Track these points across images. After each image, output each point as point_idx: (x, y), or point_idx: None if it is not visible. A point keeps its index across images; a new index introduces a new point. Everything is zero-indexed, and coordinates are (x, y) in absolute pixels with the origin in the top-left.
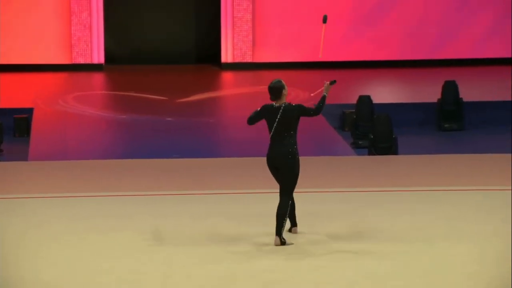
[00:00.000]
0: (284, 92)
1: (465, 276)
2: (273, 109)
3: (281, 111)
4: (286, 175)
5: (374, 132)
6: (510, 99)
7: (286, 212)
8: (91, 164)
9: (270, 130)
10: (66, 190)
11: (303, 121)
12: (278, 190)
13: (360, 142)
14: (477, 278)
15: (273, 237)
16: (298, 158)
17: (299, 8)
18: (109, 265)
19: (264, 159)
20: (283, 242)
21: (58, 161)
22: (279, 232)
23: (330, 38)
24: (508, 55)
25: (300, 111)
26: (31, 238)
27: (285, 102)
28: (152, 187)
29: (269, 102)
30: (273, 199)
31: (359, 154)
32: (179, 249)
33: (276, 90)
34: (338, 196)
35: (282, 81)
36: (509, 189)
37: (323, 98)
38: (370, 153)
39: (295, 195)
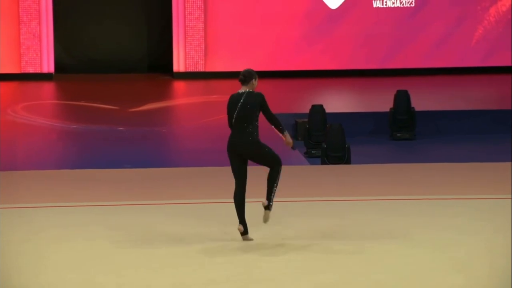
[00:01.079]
0: (254, 81)
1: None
2: (237, 96)
3: (244, 96)
4: (260, 156)
5: (327, 141)
6: (460, 109)
7: (278, 177)
8: (41, 175)
9: (231, 118)
10: (15, 201)
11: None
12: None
13: (313, 152)
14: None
15: (225, 244)
16: (260, 141)
17: (252, 17)
18: (58, 277)
19: (219, 168)
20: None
21: (7, 171)
22: (269, 197)
23: (283, 47)
24: (459, 65)
25: (262, 100)
26: None
27: (250, 90)
28: (104, 197)
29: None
30: (227, 209)
31: (312, 163)
32: (131, 259)
33: (247, 74)
34: (289, 205)
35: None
36: (462, 198)
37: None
38: (323, 162)
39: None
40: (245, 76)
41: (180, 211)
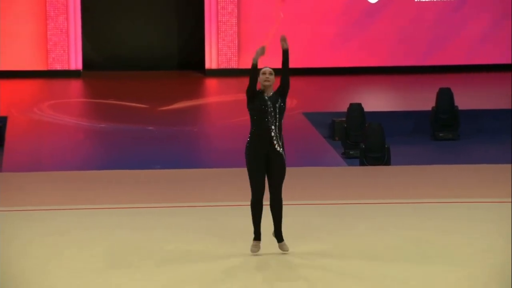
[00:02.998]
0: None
1: None
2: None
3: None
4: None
5: (365, 142)
6: (508, 107)
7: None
8: (67, 176)
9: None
10: (41, 203)
11: (292, 130)
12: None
13: (351, 152)
14: None
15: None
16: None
17: (287, 12)
18: (82, 281)
19: None
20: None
21: (33, 172)
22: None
23: (319, 43)
24: (506, 61)
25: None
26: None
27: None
28: (132, 199)
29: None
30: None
31: (350, 164)
32: (160, 264)
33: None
34: (327, 208)
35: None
36: (508, 201)
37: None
38: (362, 163)
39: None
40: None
41: (212, 213)
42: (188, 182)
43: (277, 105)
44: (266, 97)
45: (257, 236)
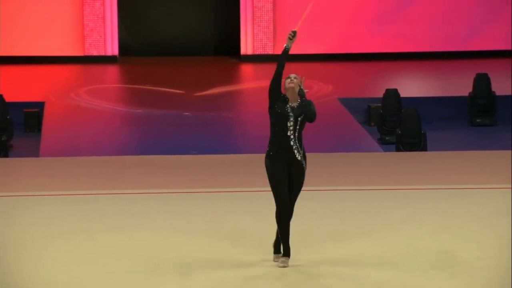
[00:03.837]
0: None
1: None
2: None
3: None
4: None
5: (401, 127)
6: None
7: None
8: (104, 161)
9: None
10: (78, 187)
11: (328, 116)
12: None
13: (387, 138)
14: None
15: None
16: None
17: None
18: (121, 267)
19: None
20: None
21: (70, 157)
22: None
23: (357, 29)
24: None
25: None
26: (37, 236)
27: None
28: (168, 184)
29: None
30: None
31: (386, 150)
32: (198, 249)
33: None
34: (363, 194)
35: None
36: None
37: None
38: (398, 149)
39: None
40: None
41: (248, 198)
42: (223, 168)
43: (299, 118)
44: (289, 107)
45: (286, 252)
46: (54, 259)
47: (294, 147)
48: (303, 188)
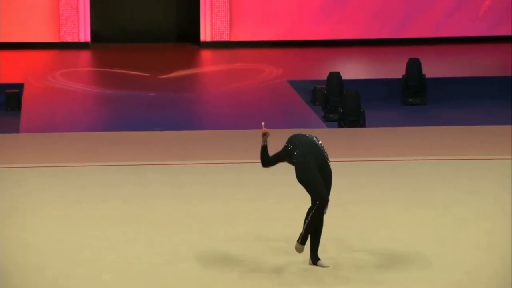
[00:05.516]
0: None
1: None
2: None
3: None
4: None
5: (343, 107)
6: (468, 75)
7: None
8: (78, 136)
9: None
10: (55, 160)
11: (278, 96)
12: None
13: (330, 116)
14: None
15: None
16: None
17: None
18: (97, 232)
19: (243, 131)
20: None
21: (48, 133)
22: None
23: (304, 18)
24: (467, 34)
25: None
26: (20, 205)
27: None
28: (136, 157)
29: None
30: (247, 170)
31: (329, 127)
32: (163, 214)
33: None
34: None
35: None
36: (472, 158)
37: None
38: (340, 126)
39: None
40: None
41: (206, 170)
42: (185, 143)
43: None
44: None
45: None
46: (37, 225)
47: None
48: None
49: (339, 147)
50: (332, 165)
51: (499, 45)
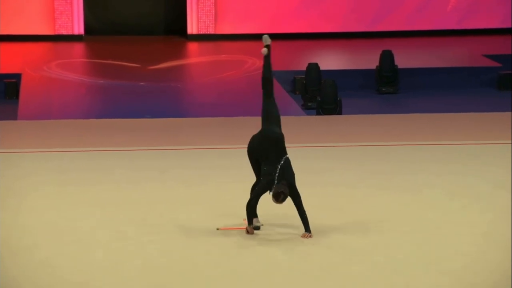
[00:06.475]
0: None
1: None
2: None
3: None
4: None
5: (321, 95)
6: (438, 66)
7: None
8: (72, 123)
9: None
10: (51, 145)
11: (260, 85)
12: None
13: (309, 104)
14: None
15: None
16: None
17: None
18: (89, 213)
19: (227, 119)
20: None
21: (44, 120)
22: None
23: (285, 12)
24: (437, 27)
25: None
26: (17, 187)
27: None
28: (126, 143)
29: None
30: (232, 155)
31: (308, 114)
32: (151, 195)
33: None
34: (289, 151)
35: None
36: (441, 144)
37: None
38: (318, 113)
39: None
40: None
41: (193, 155)
42: (174, 129)
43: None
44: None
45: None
46: (32, 207)
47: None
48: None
49: (318, 133)
50: (311, 150)
51: (466, 37)
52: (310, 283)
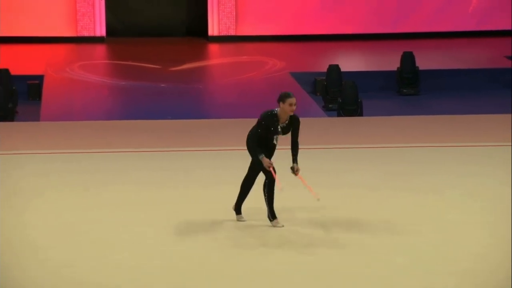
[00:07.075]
0: (281, 104)
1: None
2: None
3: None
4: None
5: (342, 97)
6: (459, 67)
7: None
8: (94, 124)
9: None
10: (72, 147)
11: (280, 87)
12: None
13: (330, 105)
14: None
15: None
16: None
17: None
18: (107, 213)
19: (247, 120)
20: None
21: (66, 121)
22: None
23: (306, 14)
24: (458, 29)
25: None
26: (39, 188)
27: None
28: (148, 144)
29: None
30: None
31: (329, 116)
32: (175, 199)
33: (278, 96)
34: (310, 152)
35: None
36: (461, 145)
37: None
38: (339, 115)
39: None
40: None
41: (214, 156)
42: (195, 131)
43: (285, 130)
44: (279, 126)
45: (274, 215)
46: (51, 207)
47: (276, 145)
48: None
49: (338, 134)
50: (332, 151)
51: (487, 39)
52: (326, 284)
